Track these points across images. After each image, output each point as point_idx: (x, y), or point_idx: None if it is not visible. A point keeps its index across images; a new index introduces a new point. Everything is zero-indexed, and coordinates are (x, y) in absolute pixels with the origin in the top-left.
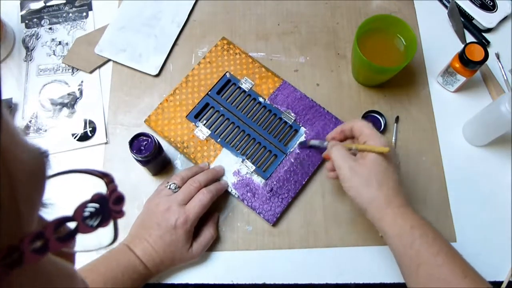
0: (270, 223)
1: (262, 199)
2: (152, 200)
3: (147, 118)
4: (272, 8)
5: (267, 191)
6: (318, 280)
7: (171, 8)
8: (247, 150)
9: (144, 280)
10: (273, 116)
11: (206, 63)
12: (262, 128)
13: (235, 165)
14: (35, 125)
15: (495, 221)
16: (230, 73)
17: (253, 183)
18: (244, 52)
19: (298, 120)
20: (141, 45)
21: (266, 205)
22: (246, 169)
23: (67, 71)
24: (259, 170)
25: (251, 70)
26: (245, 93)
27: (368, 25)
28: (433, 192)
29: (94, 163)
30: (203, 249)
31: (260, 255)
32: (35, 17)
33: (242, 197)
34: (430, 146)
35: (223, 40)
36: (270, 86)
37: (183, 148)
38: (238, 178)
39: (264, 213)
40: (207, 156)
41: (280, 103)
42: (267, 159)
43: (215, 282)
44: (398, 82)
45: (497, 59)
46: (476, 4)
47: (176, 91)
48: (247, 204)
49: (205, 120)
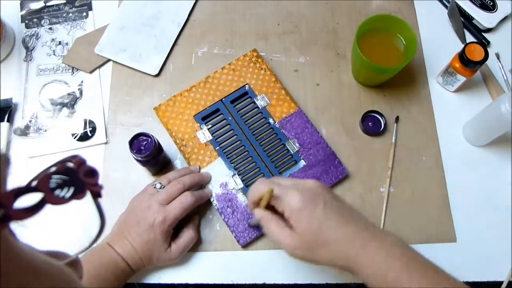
0: (240, 245)
1: (239, 219)
2: (136, 197)
3: (157, 106)
4: (272, 8)
5: (246, 213)
6: (318, 280)
7: (171, 8)
8: (241, 166)
9: (128, 276)
10: (278, 140)
11: (230, 70)
12: (262, 149)
13: (225, 177)
14: (35, 125)
15: (495, 221)
16: (250, 86)
17: (236, 200)
18: (270, 70)
19: (301, 152)
20: (141, 45)
21: (241, 226)
22: (233, 184)
23: (67, 71)
24: (246, 189)
25: (270, 89)
26: (257, 110)
27: (368, 25)
28: (433, 192)
29: (94, 163)
30: (182, 251)
31: (260, 255)
32: (35, 17)
33: (221, 211)
34: (430, 146)
35: (254, 52)
36: (284, 110)
37: (181, 146)
38: (223, 191)
39: (236, 232)
40: (201, 160)
41: (289, 130)
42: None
43: (215, 282)
44: (398, 82)
45: (497, 59)
46: (476, 4)
47: (192, 88)
48: (224, 219)
49: (210, 125)
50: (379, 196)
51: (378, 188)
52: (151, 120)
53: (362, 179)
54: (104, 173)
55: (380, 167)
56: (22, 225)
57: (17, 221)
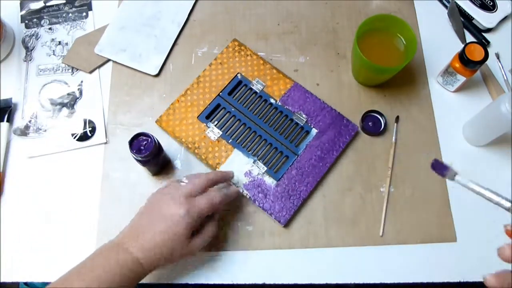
0: (282, 224)
1: (273, 200)
2: (156, 193)
3: (158, 119)
4: (272, 8)
5: (278, 192)
6: (318, 280)
7: (171, 8)
8: (259, 151)
9: (138, 278)
10: (285, 117)
11: (218, 64)
12: (273, 129)
13: (247, 165)
14: (34, 125)
15: (495, 221)
16: (242, 74)
17: (265, 184)
18: (256, 54)
19: (310, 121)
20: (141, 45)
21: (278, 206)
22: (257, 170)
23: (66, 71)
24: (271, 171)
25: (262, 72)
26: (256, 94)
27: (368, 25)
28: (433, 192)
29: (94, 163)
30: (202, 245)
31: (260, 255)
32: (35, 17)
33: (254, 198)
34: (430, 146)
35: (235, 41)
36: (281, 88)
37: (194, 149)
38: (249, 179)
39: (275, 214)
40: (218, 157)
41: (292, 104)
42: (278, 160)
43: (215, 282)
44: (398, 82)
45: (497, 59)
46: (476, 4)
47: (187, 92)
48: (259, 205)
49: (216, 121)
50: (379, 196)
51: (378, 188)
52: (151, 120)
53: (362, 179)
54: (104, 173)
55: (380, 167)
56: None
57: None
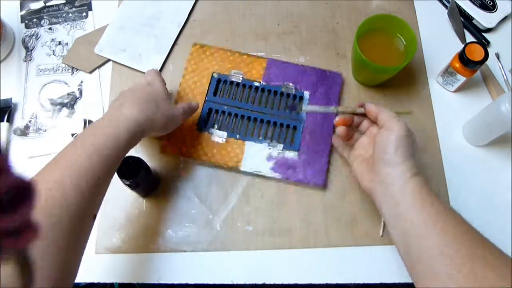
0: (322, 185)
1: (303, 169)
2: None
3: (161, 149)
4: (272, 8)
5: (304, 160)
6: (318, 280)
7: (171, 8)
8: (267, 133)
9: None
10: (275, 93)
11: (190, 73)
12: (270, 108)
13: (264, 151)
14: (34, 125)
15: (495, 221)
16: (217, 73)
17: (288, 159)
18: (221, 49)
19: (298, 87)
20: (141, 45)
21: (310, 172)
22: (275, 150)
23: (66, 71)
24: (287, 145)
25: (234, 62)
26: (239, 85)
27: (368, 25)
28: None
29: None
30: (184, 109)
31: (260, 255)
32: (35, 17)
33: (286, 176)
34: (430, 146)
35: (195, 45)
36: (258, 68)
37: (209, 158)
38: (273, 162)
39: (311, 180)
40: (235, 156)
41: (275, 79)
42: (288, 133)
43: (215, 282)
44: (398, 82)
45: (497, 59)
46: (476, 4)
47: None
48: (294, 179)
49: (216, 125)
50: None
51: None
52: None
53: None
54: None
55: None
56: None
57: None
